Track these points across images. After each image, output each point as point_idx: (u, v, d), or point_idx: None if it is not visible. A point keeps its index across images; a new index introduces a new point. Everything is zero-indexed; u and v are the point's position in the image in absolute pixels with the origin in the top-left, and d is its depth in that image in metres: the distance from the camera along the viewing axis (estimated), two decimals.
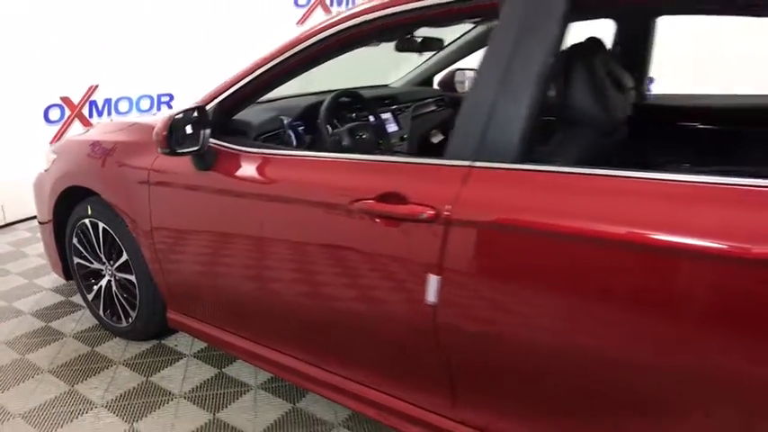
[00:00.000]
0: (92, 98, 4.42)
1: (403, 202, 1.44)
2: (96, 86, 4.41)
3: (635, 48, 2.44)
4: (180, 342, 2.51)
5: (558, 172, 1.30)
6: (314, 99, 2.44)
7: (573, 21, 1.41)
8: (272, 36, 2.25)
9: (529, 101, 1.33)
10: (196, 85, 2.75)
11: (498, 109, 1.36)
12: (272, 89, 1.94)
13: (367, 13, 1.62)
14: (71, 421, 2.02)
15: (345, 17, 1.67)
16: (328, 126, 2.21)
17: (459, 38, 3.00)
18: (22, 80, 3.95)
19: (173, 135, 1.76)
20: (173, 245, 2.11)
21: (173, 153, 1.78)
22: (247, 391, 2.16)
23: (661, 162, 2.15)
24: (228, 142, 1.91)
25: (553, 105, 1.63)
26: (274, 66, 1.80)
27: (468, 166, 1.38)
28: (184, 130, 1.79)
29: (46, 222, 2.70)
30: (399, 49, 2.33)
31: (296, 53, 1.76)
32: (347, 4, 5.43)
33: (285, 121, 2.19)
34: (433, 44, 2.55)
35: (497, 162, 1.35)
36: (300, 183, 1.70)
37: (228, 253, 1.96)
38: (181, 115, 1.79)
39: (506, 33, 1.38)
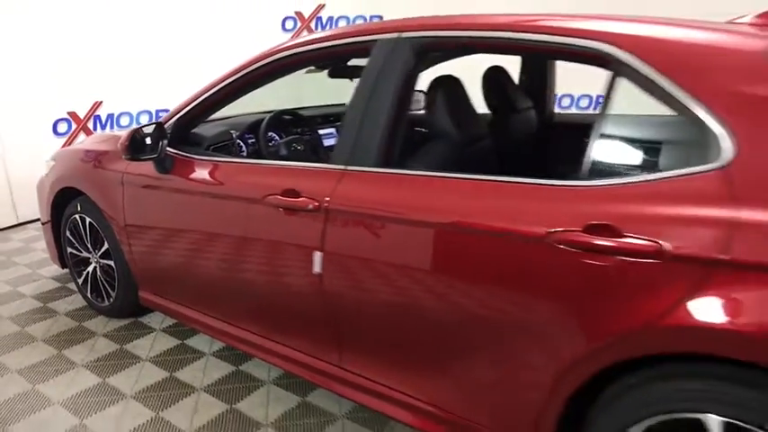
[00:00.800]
0: (96, 113, 4.96)
1: (297, 196, 1.90)
2: (100, 102, 4.96)
3: (536, 76, 2.89)
4: (152, 319, 2.98)
5: (403, 174, 1.75)
6: (261, 117, 2.91)
7: (421, 69, 1.87)
8: None
9: (385, 123, 1.79)
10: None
11: (364, 127, 1.82)
12: (218, 109, 2.43)
13: (281, 51, 2.11)
14: (56, 377, 2.49)
15: (266, 54, 2.15)
16: (268, 138, 2.67)
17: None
18: (34, 96, 4.49)
19: (133, 145, 2.24)
20: (141, 235, 2.58)
21: (132, 159, 2.26)
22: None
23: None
24: (184, 151, 2.39)
25: (425, 122, 2.09)
26: (217, 91, 2.29)
27: (343, 169, 1.84)
28: (144, 141, 2.27)
29: (46, 221, 3.20)
30: (331, 76, 2.79)
31: (233, 81, 2.24)
32: (331, 26, 5.93)
33: (234, 135, 2.66)
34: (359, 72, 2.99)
35: (363, 166, 1.81)
36: (234, 183, 2.17)
37: (183, 241, 2.43)
38: (141, 129, 2.27)
39: (370, 72, 1.85)
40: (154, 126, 2.32)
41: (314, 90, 3.61)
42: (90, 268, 3.01)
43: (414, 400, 1.82)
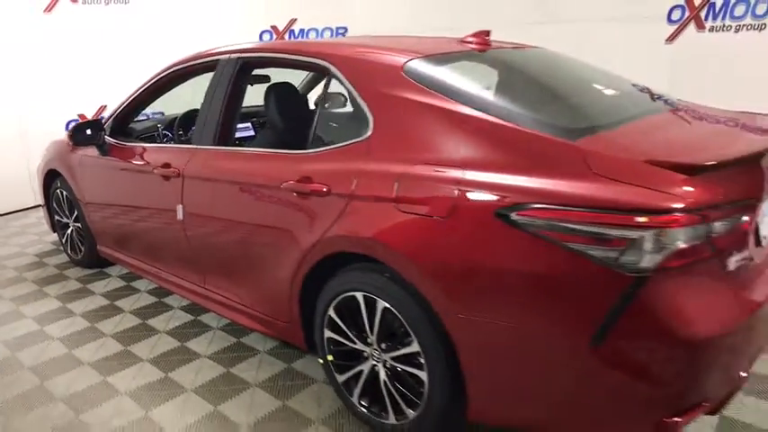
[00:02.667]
0: (101, 115, 6.00)
1: (169, 167, 2.77)
2: (105, 106, 5.99)
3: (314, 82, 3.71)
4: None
5: (226, 150, 2.60)
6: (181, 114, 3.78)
7: (247, 79, 2.70)
8: None
9: (218, 116, 2.63)
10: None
11: (208, 118, 2.68)
12: (143, 108, 3.34)
13: (173, 66, 2.99)
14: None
15: (164, 68, 3.03)
16: (180, 131, 3.52)
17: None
18: (52, 100, 5.56)
19: (76, 135, 3.18)
20: (92, 202, 3.52)
21: (75, 145, 3.20)
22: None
23: None
24: (118, 140, 3.30)
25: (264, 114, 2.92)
26: (137, 96, 3.20)
27: (195, 147, 2.71)
28: (85, 132, 3.20)
29: (42, 197, 4.22)
30: None
31: (145, 89, 3.14)
32: (303, 37, 6.79)
33: (159, 127, 3.57)
34: (262, 79, 3.74)
35: (205, 145, 2.66)
36: (148, 160, 3.05)
37: (119, 206, 3.34)
38: (83, 123, 3.21)
39: (213, 81, 2.70)
40: (94, 121, 3.25)
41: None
42: (69, 230, 3.99)
43: (244, 306, 2.65)
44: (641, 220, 1.47)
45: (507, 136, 1.77)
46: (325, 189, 2.08)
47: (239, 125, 3.92)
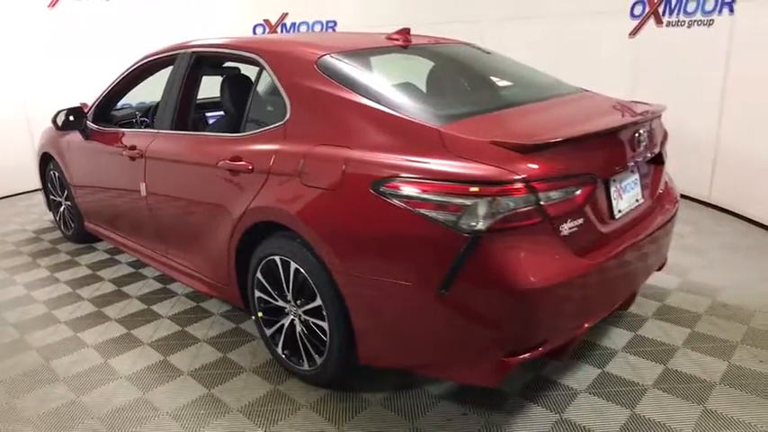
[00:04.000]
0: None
1: (135, 149, 3.13)
2: None
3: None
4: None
5: (177, 134, 2.94)
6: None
7: (201, 71, 3.04)
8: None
9: (174, 103, 2.97)
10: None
11: (167, 105, 3.02)
12: (121, 97, 3.71)
13: (144, 59, 3.34)
14: (33, 269, 3.86)
15: (136, 61, 3.38)
16: (152, 118, 3.87)
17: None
18: (54, 89, 5.96)
19: (60, 120, 3.55)
20: (78, 181, 3.91)
21: (57, 129, 3.58)
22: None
23: None
24: (99, 125, 3.67)
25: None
26: (114, 86, 3.56)
27: (156, 132, 3.06)
28: (68, 118, 3.57)
29: (39, 177, 4.63)
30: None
31: (125, 76, 3.50)
32: (294, 30, 7.11)
33: (138, 115, 3.93)
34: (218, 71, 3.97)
35: (164, 129, 3.01)
36: (121, 143, 3.41)
37: (102, 185, 3.72)
38: (68, 110, 3.58)
39: (172, 73, 3.04)
40: (76, 108, 3.63)
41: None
42: (62, 208, 4.39)
43: (197, 273, 2.99)
44: (474, 189, 1.77)
45: (388, 121, 2.08)
46: (250, 167, 2.41)
47: (213, 113, 4.29)
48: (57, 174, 4.26)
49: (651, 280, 3.31)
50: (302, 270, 2.26)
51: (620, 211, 2.17)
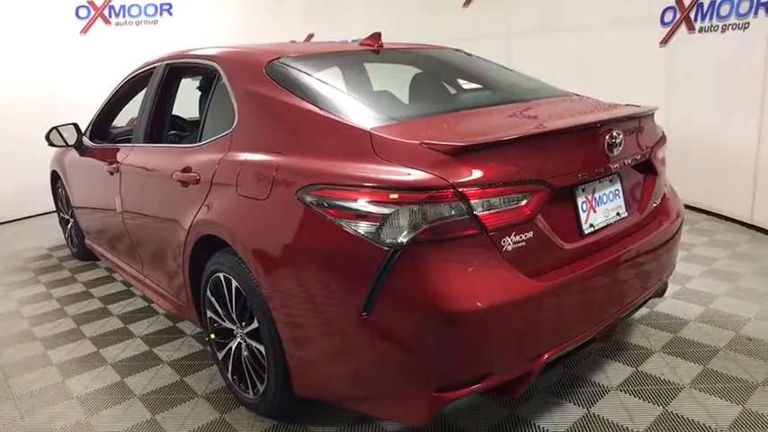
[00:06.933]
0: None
1: (113, 163, 3.07)
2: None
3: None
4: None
5: (148, 146, 2.85)
6: None
7: (176, 85, 2.96)
8: None
9: (148, 116, 2.90)
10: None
11: (142, 118, 2.95)
12: (116, 113, 3.70)
13: (130, 75, 3.31)
14: (32, 285, 3.88)
15: (124, 78, 3.36)
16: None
17: None
18: (85, 112, 6.14)
19: (52, 138, 3.57)
20: (77, 198, 3.92)
21: (50, 145, 3.59)
22: None
23: None
24: (95, 142, 3.67)
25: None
26: (109, 100, 3.56)
27: (132, 146, 2.99)
28: (62, 135, 3.58)
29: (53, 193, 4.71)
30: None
31: (116, 92, 3.49)
32: None
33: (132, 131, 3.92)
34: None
35: (138, 143, 2.94)
36: (106, 158, 3.38)
37: (92, 201, 3.70)
38: (60, 127, 3.59)
39: (149, 84, 2.97)
40: (72, 125, 3.64)
41: None
42: (69, 225, 4.43)
43: (164, 291, 2.87)
44: (394, 196, 1.54)
45: (322, 124, 1.88)
46: (197, 177, 2.27)
47: None
48: (63, 191, 4.30)
49: (665, 308, 2.96)
50: (240, 287, 2.08)
51: (591, 226, 1.87)
